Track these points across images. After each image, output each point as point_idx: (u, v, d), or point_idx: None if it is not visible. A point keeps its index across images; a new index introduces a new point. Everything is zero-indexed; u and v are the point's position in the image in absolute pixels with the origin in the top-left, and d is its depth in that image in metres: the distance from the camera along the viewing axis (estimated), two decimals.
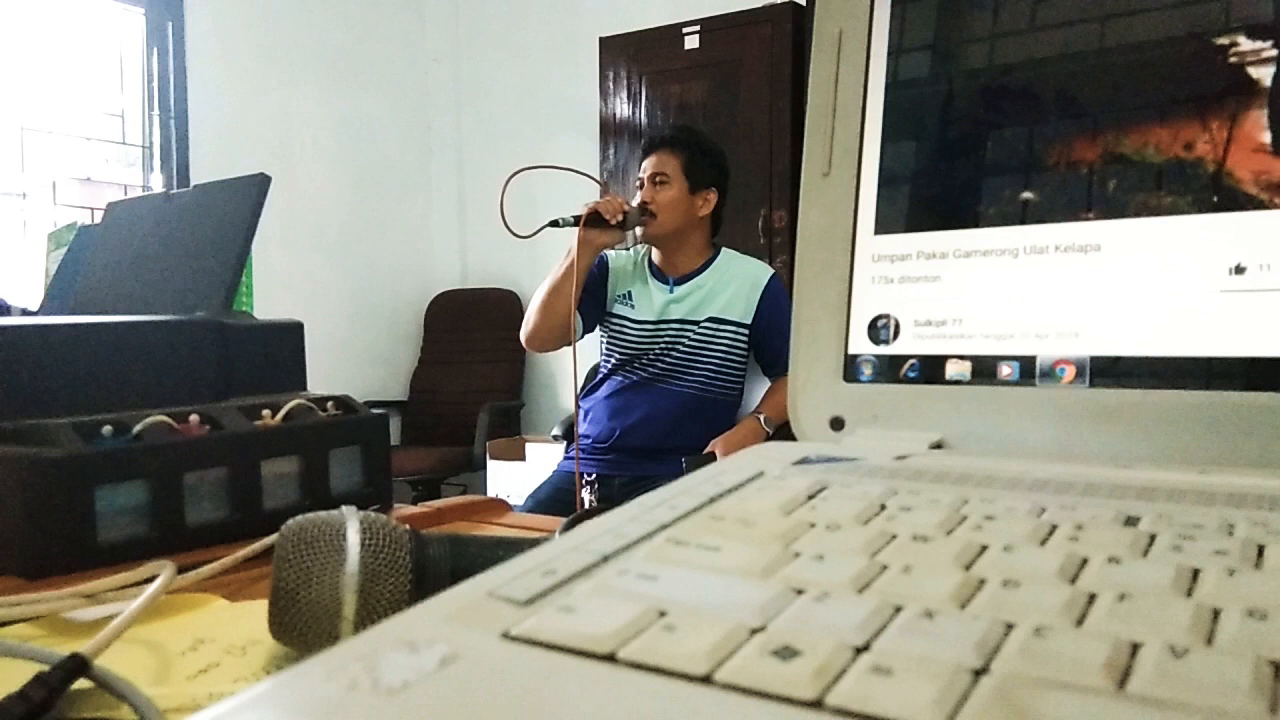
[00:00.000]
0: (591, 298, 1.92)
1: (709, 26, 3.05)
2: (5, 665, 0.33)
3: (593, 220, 1.79)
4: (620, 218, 1.81)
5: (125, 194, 3.10)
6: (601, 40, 3.27)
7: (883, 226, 0.40)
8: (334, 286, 3.69)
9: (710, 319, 1.90)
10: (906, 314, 0.39)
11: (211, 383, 0.61)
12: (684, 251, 1.93)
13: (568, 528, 0.44)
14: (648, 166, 1.91)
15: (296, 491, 0.58)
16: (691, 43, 3.08)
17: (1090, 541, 0.24)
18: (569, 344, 1.85)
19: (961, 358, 0.37)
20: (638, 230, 1.89)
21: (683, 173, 1.88)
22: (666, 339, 1.91)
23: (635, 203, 1.89)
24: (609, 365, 1.99)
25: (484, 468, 3.23)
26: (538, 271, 1.78)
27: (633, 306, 1.95)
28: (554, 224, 1.82)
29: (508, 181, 1.79)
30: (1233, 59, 0.33)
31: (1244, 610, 0.19)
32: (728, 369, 1.92)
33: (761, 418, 1.89)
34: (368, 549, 0.35)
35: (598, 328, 1.99)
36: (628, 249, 2.01)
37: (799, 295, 0.41)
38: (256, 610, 0.38)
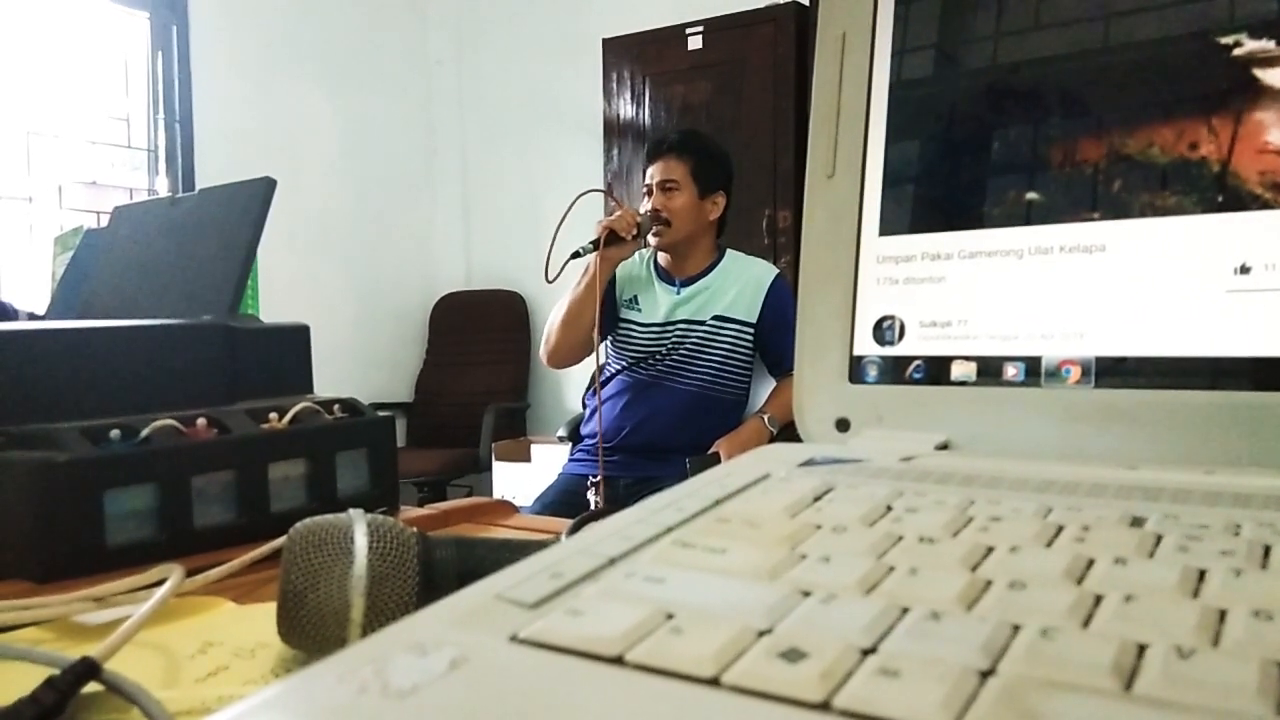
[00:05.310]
0: (606, 308, 1.93)
1: (712, 27, 3.05)
2: (16, 669, 0.33)
3: (609, 239, 1.81)
4: (634, 231, 1.83)
5: (131, 198, 3.11)
6: (605, 41, 3.27)
7: (887, 228, 0.40)
8: (339, 289, 3.70)
9: (715, 317, 1.91)
10: (911, 315, 0.39)
11: (218, 386, 0.61)
12: (693, 255, 1.94)
13: (574, 530, 0.44)
14: (655, 173, 1.91)
15: (304, 494, 0.59)
16: (695, 43, 3.08)
17: (1096, 542, 0.24)
18: (588, 356, 1.88)
19: (967, 359, 0.37)
20: (650, 239, 1.89)
21: (691, 178, 1.89)
22: (673, 339, 1.92)
23: (645, 209, 1.89)
24: (615, 367, 1.99)
25: (489, 469, 3.23)
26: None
27: (639, 310, 1.95)
28: (576, 255, 1.85)
29: (555, 234, 1.81)
30: (1238, 58, 0.33)
31: (1250, 611, 0.19)
32: (732, 366, 1.92)
33: (765, 418, 1.89)
34: (375, 552, 0.35)
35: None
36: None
37: (804, 297, 0.41)
38: (265, 613, 0.38)
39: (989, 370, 0.37)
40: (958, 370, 0.38)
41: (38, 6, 2.99)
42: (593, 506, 1.79)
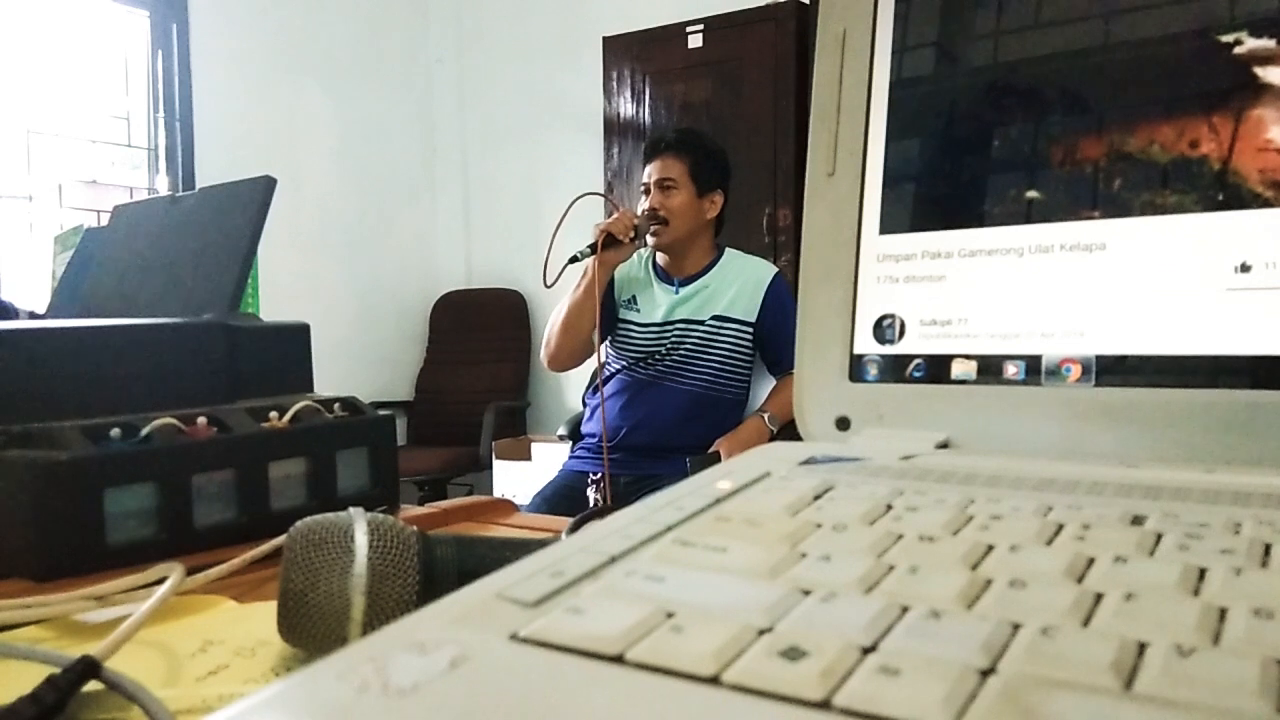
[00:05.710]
0: (605, 310, 1.93)
1: (712, 25, 3.05)
2: (17, 667, 0.33)
3: (606, 242, 1.81)
4: (631, 233, 1.83)
5: (131, 196, 3.11)
6: (605, 40, 3.27)
7: (887, 226, 0.40)
8: (340, 288, 3.70)
9: (715, 317, 1.91)
10: (912, 313, 0.39)
11: (219, 385, 0.61)
12: (692, 254, 1.94)
13: (574, 529, 0.44)
14: (653, 171, 1.91)
15: (304, 493, 0.59)
16: (695, 42, 3.08)
17: (1097, 541, 0.24)
18: (589, 358, 1.89)
19: (967, 357, 0.37)
20: (649, 238, 1.89)
21: (690, 176, 1.89)
22: (672, 339, 1.92)
23: (643, 209, 1.89)
24: (615, 366, 1.99)
25: (490, 467, 3.23)
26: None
27: (638, 310, 1.96)
28: (574, 259, 1.85)
29: (552, 239, 1.83)
30: (1238, 56, 0.33)
31: (1251, 609, 0.19)
32: (732, 366, 1.92)
33: (765, 416, 1.89)
34: (375, 550, 0.35)
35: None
36: None
37: (804, 295, 0.41)
38: (265, 612, 0.38)
39: (989, 369, 0.37)
40: (958, 369, 0.38)
41: (38, 5, 2.99)
42: (592, 503, 1.79)
